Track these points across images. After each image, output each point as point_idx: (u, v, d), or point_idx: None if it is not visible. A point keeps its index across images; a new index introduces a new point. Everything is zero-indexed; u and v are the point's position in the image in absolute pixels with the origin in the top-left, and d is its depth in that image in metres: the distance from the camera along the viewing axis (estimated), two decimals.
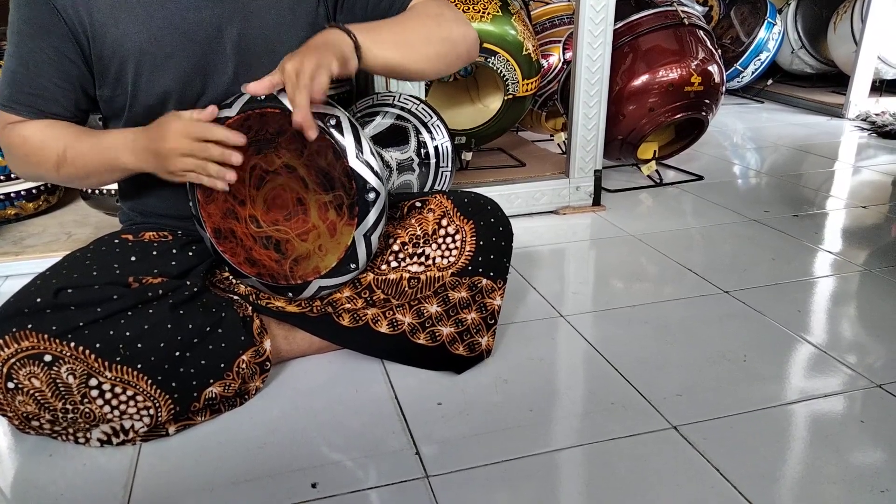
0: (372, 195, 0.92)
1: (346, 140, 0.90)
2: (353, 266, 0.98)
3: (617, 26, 1.85)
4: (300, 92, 0.82)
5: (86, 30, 0.92)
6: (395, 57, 0.95)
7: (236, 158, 0.89)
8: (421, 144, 1.43)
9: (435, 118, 1.48)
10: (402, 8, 1.03)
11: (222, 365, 0.96)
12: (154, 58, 0.94)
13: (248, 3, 0.97)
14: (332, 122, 0.89)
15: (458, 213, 1.04)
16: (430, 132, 1.45)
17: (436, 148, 1.46)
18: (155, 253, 1.01)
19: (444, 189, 1.53)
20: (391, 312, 1.05)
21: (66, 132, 0.96)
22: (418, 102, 1.48)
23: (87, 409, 0.88)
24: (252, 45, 0.99)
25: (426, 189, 1.51)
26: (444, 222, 1.04)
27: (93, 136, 0.96)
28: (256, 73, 0.88)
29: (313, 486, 0.84)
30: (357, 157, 0.90)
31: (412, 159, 1.42)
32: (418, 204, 1.07)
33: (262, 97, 0.90)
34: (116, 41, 0.93)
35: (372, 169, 0.91)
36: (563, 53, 2.13)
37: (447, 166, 1.48)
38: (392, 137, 1.43)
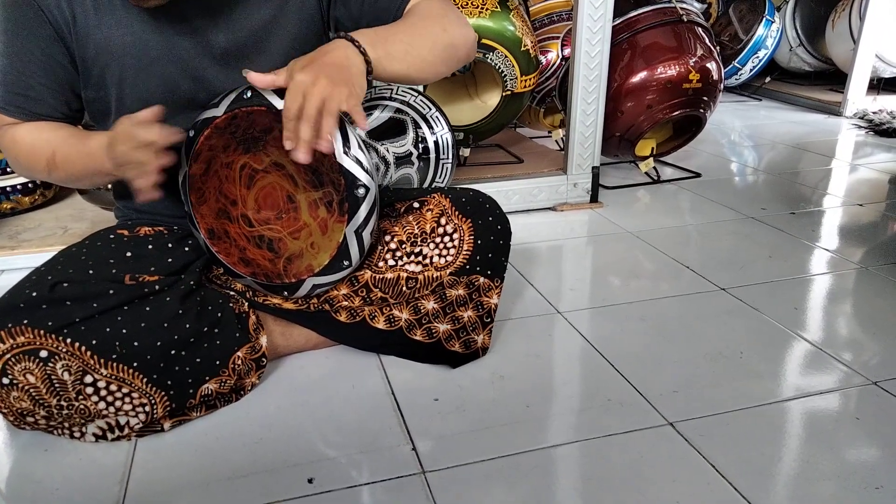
0: (361, 191, 0.91)
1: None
2: (346, 263, 0.97)
3: (615, 23, 1.84)
4: (305, 124, 0.80)
5: (70, 31, 0.91)
6: (402, 69, 0.94)
7: (162, 161, 0.84)
8: (420, 138, 1.42)
9: (434, 110, 1.47)
10: (403, 6, 1.00)
11: (218, 362, 0.96)
12: (138, 61, 0.93)
13: (233, 7, 0.96)
14: None
15: (457, 212, 1.04)
16: (428, 125, 1.44)
17: (435, 141, 1.45)
18: (151, 247, 1.01)
19: (445, 182, 1.52)
20: (388, 308, 1.05)
21: (55, 135, 0.95)
22: (417, 95, 1.47)
23: (81, 406, 0.88)
24: (242, 49, 0.97)
25: (427, 182, 1.51)
26: (443, 221, 1.04)
27: (79, 140, 0.94)
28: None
29: (310, 481, 0.84)
30: (345, 152, 0.89)
31: (410, 152, 1.41)
32: (416, 205, 1.07)
33: (249, 95, 0.89)
34: (99, 44, 0.92)
35: (361, 164, 0.90)
36: (562, 49, 2.13)
37: (448, 158, 1.47)
38: (391, 131, 1.42)
